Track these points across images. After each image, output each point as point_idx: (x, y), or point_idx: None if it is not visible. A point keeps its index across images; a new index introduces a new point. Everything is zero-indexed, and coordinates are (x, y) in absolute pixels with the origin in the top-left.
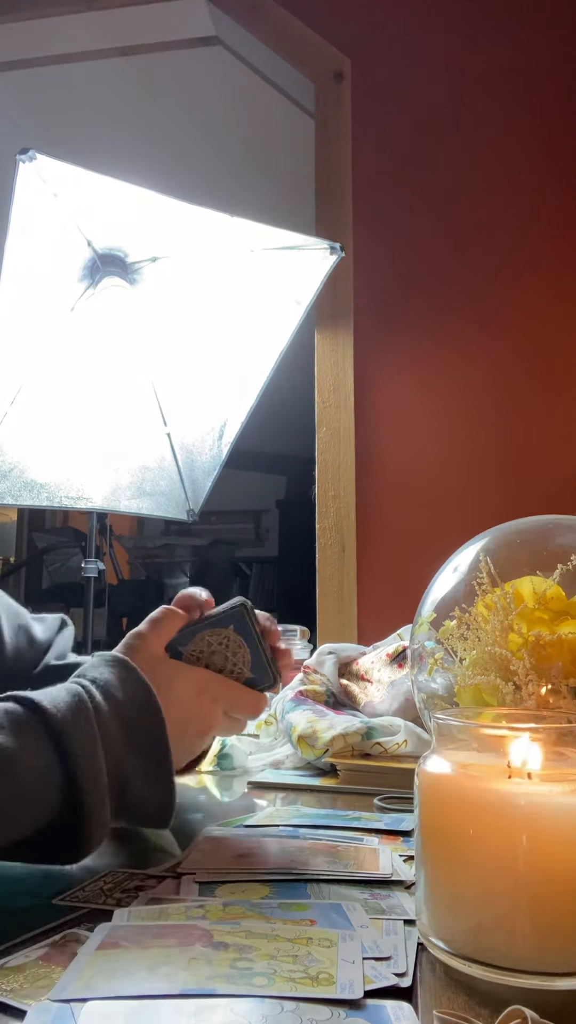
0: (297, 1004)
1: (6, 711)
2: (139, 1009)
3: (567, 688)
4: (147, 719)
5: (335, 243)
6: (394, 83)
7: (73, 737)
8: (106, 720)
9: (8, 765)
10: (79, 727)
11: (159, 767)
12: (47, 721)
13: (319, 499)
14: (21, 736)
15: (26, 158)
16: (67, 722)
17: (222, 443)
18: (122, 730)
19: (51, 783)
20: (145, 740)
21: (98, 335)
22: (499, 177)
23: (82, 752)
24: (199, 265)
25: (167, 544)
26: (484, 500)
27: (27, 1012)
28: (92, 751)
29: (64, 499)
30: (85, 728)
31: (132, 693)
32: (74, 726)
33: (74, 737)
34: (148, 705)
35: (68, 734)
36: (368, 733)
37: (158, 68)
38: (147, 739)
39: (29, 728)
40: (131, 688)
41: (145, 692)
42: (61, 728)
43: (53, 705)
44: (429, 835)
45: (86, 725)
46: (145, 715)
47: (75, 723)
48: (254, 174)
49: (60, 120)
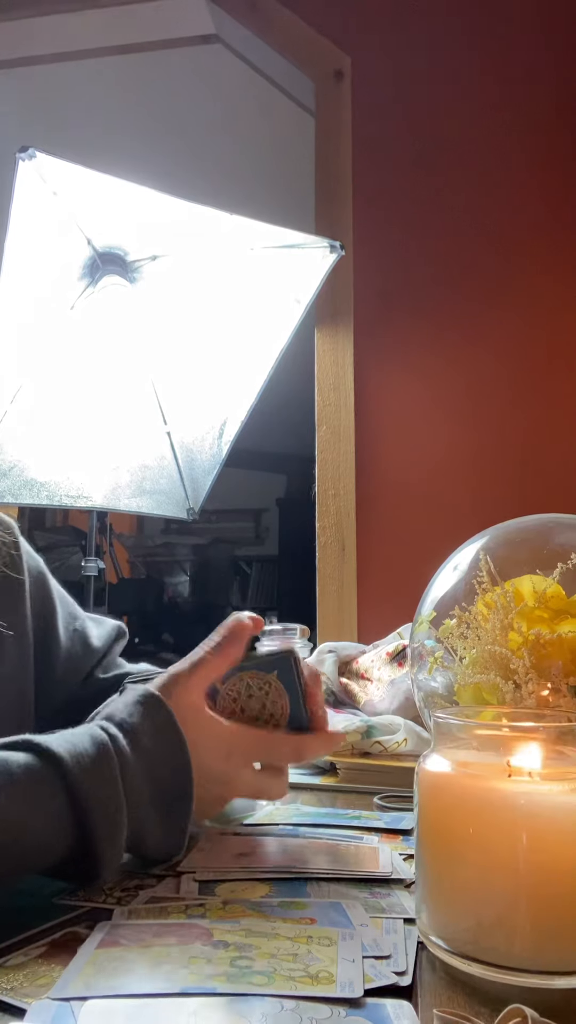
0: (297, 1003)
1: (26, 768)
2: (139, 1008)
3: (567, 687)
4: (176, 779)
5: (335, 241)
6: (394, 81)
7: (92, 796)
8: (132, 775)
9: (20, 831)
10: (102, 785)
11: (178, 825)
12: (65, 776)
13: (319, 498)
14: (36, 794)
15: (26, 156)
16: (88, 777)
17: (222, 442)
18: (148, 784)
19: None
20: (170, 800)
21: (98, 334)
22: (500, 175)
23: (103, 814)
24: (199, 263)
25: (167, 543)
26: (484, 499)
27: (27, 1010)
28: (114, 812)
29: (64, 498)
30: (109, 787)
31: (164, 750)
32: (96, 783)
33: (94, 795)
34: (179, 764)
35: (88, 794)
36: (368, 732)
37: (158, 66)
38: (172, 799)
39: (46, 784)
40: (164, 745)
41: (178, 748)
42: (80, 787)
43: (74, 759)
44: (429, 834)
45: (110, 784)
46: (175, 775)
47: (97, 778)
48: (254, 172)
49: (60, 118)
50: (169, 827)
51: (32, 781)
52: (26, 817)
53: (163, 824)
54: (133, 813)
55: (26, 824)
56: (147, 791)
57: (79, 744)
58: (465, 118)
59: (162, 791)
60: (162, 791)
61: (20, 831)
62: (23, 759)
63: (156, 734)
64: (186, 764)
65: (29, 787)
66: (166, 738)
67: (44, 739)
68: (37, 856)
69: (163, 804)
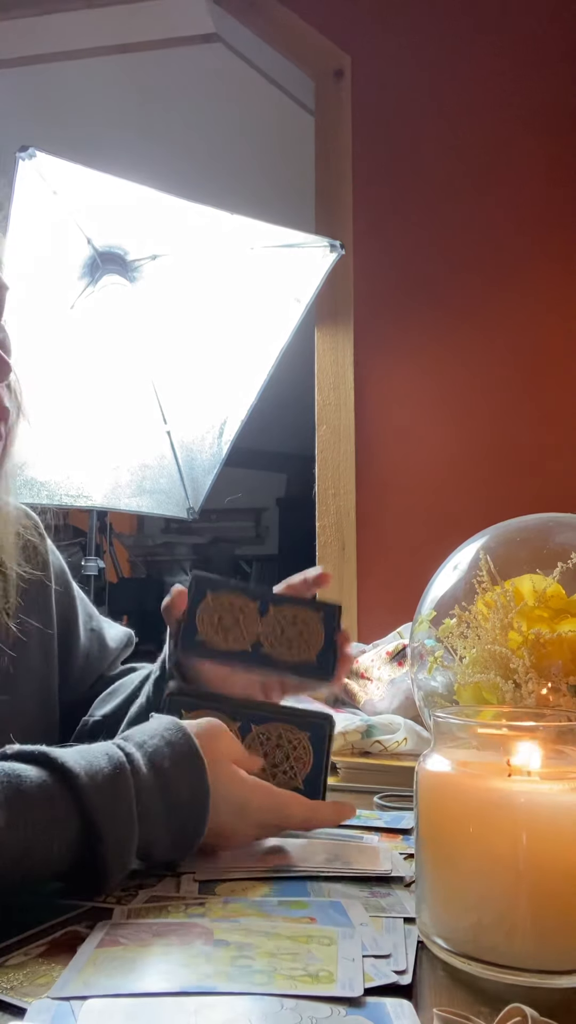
0: (297, 1002)
1: (39, 785)
2: (139, 1007)
3: (567, 686)
4: (194, 800)
5: (335, 240)
6: (394, 80)
7: (104, 816)
8: (148, 795)
9: (29, 848)
10: (115, 805)
11: (188, 842)
12: (80, 796)
13: (319, 497)
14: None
15: (26, 156)
16: (101, 796)
17: (222, 441)
18: (163, 805)
19: (72, 856)
20: (184, 821)
21: (98, 333)
22: (499, 175)
23: (113, 836)
24: (199, 263)
25: (167, 542)
26: (484, 498)
27: (27, 1010)
28: (125, 833)
29: (64, 497)
30: (122, 808)
31: (184, 773)
32: (109, 804)
33: (106, 816)
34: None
35: (100, 814)
36: (368, 731)
37: (158, 66)
38: (186, 820)
39: (58, 801)
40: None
41: (198, 772)
42: (93, 808)
43: (89, 776)
44: (429, 833)
45: (124, 805)
46: (193, 796)
47: (111, 799)
48: (254, 171)
49: (60, 117)
50: (179, 844)
51: (45, 798)
52: (38, 834)
53: (173, 842)
54: (145, 833)
55: (36, 842)
56: (162, 812)
57: (95, 762)
58: (465, 117)
59: (177, 813)
60: (177, 813)
61: (30, 848)
62: (36, 775)
63: (176, 757)
64: (204, 790)
65: (41, 804)
66: (187, 762)
67: (60, 754)
68: (45, 870)
69: (177, 824)
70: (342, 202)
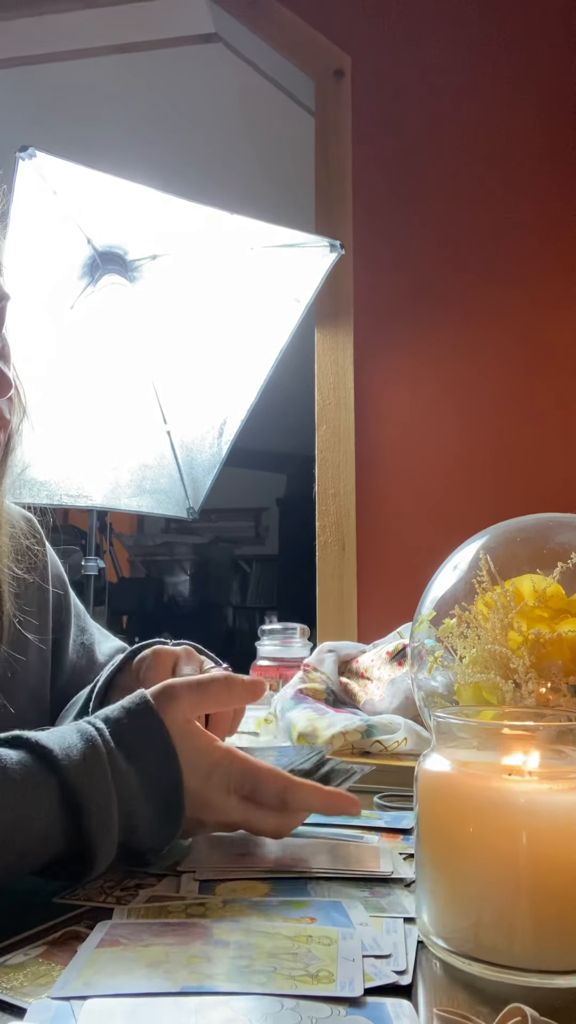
0: (297, 1002)
1: (20, 764)
2: (139, 1007)
3: (567, 686)
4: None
5: (335, 240)
6: (394, 80)
7: (83, 787)
8: (119, 765)
9: (18, 827)
10: (92, 776)
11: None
12: (58, 771)
13: (319, 497)
14: (32, 790)
15: (26, 156)
16: (78, 769)
17: (222, 441)
18: (134, 773)
19: (61, 831)
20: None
21: (98, 333)
22: (499, 175)
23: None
24: (199, 263)
25: (167, 542)
26: (484, 498)
27: (27, 1010)
28: (106, 801)
29: (64, 497)
30: (99, 778)
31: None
32: (86, 775)
33: (85, 786)
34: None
35: (79, 785)
36: (368, 731)
37: (157, 65)
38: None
39: (40, 778)
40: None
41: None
42: (72, 780)
43: (63, 752)
44: (429, 833)
45: (100, 775)
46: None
47: (86, 771)
48: (254, 171)
49: (59, 117)
50: (160, 815)
51: (27, 775)
52: (25, 812)
53: (153, 811)
54: (123, 804)
55: (24, 819)
56: (134, 780)
57: (67, 738)
58: (465, 117)
59: (150, 779)
60: (150, 779)
61: (18, 827)
62: (16, 756)
63: (136, 724)
64: (168, 750)
65: (25, 783)
66: (145, 727)
67: (35, 735)
68: (36, 849)
69: (152, 792)
70: (342, 202)
